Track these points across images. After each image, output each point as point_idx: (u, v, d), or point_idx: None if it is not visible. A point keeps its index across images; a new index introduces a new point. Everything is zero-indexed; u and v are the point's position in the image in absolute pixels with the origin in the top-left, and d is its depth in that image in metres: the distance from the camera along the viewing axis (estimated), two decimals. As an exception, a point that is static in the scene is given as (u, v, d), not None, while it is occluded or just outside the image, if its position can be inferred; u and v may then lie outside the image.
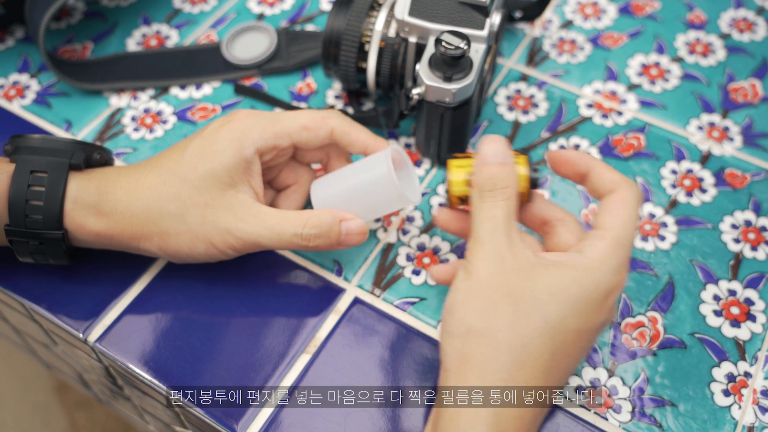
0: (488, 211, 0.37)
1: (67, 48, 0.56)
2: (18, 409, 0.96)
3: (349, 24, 0.49)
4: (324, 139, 0.42)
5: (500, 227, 0.36)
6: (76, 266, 0.44)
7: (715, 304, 0.44)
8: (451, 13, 0.46)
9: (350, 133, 0.42)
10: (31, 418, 0.96)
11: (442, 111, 0.45)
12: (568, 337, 0.35)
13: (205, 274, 0.44)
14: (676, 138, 0.52)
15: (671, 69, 0.56)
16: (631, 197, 0.37)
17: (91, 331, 0.42)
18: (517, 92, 0.54)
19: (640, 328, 0.43)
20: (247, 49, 0.55)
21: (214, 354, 0.41)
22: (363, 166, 0.42)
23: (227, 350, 0.42)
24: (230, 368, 0.41)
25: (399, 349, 0.42)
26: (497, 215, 0.36)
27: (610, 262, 0.36)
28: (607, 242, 0.36)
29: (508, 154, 0.38)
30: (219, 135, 0.41)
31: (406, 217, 0.47)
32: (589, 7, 0.60)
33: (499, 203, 0.37)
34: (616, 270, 0.36)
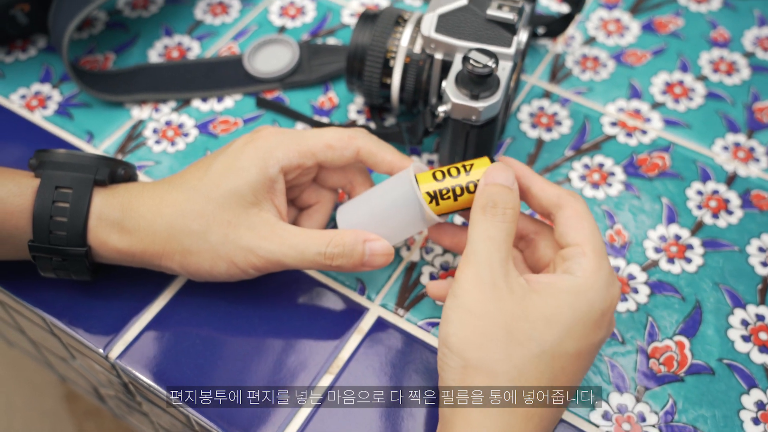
0: (487, 231, 0.36)
1: (88, 58, 0.56)
2: (27, 417, 0.96)
3: (374, 39, 0.48)
4: (350, 158, 0.42)
5: (496, 250, 0.35)
6: (97, 282, 0.44)
7: (743, 329, 0.43)
8: (478, 30, 0.45)
9: (377, 154, 0.42)
10: (40, 427, 0.95)
11: (468, 129, 0.45)
12: (566, 360, 0.35)
13: (227, 292, 0.44)
14: (701, 158, 0.51)
15: (695, 87, 0.55)
16: (582, 209, 0.37)
17: (112, 347, 0.42)
18: (540, 109, 0.54)
19: (668, 353, 0.42)
20: (269, 62, 0.55)
21: (235, 373, 0.41)
22: (387, 186, 0.41)
23: (249, 370, 0.41)
24: (252, 389, 0.40)
25: (423, 370, 0.41)
26: (495, 236, 0.35)
27: (599, 279, 0.35)
28: (590, 258, 0.36)
29: (516, 183, 0.38)
30: (243, 153, 0.40)
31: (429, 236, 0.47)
32: (612, 23, 0.60)
33: (500, 224, 0.36)
34: (608, 285, 0.36)
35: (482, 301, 0.34)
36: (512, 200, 0.36)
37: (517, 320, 0.34)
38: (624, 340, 0.43)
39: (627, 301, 0.44)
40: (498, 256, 0.35)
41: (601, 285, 0.35)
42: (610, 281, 0.36)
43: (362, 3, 0.61)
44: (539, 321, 0.34)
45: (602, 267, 0.36)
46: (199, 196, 0.40)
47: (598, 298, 0.35)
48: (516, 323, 0.34)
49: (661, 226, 0.48)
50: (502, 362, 0.34)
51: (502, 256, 0.35)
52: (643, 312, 0.44)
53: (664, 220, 0.48)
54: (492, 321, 0.34)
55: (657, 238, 0.47)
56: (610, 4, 0.61)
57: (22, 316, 0.50)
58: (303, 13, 0.60)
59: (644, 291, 0.45)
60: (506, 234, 0.36)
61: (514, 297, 0.34)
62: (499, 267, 0.35)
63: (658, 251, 0.46)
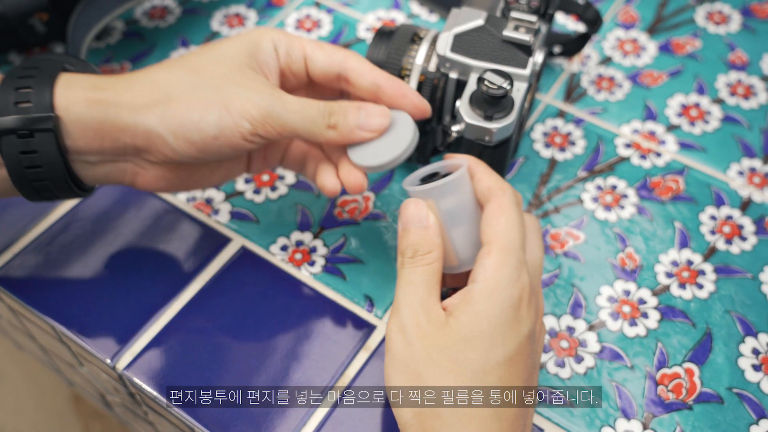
0: (407, 277, 0.35)
1: (105, 68, 0.57)
2: (35, 417, 0.97)
3: (389, 56, 0.48)
4: (335, 64, 0.40)
5: (414, 293, 0.35)
6: (107, 292, 0.44)
7: (754, 358, 0.43)
8: (494, 51, 0.45)
9: (364, 73, 0.40)
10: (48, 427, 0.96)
11: (481, 149, 0.45)
12: (500, 369, 0.34)
13: (235, 305, 0.44)
14: (715, 182, 0.51)
15: (711, 110, 0.55)
16: (506, 203, 0.36)
17: (119, 358, 0.42)
18: (554, 129, 0.54)
19: (676, 380, 0.42)
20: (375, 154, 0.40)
21: (242, 388, 0.41)
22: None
23: (255, 384, 0.41)
24: (258, 404, 0.40)
25: (429, 390, 0.41)
26: (415, 280, 0.35)
27: (503, 276, 0.34)
28: (494, 256, 0.34)
29: (429, 216, 0.36)
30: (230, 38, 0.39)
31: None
32: (629, 43, 0.59)
33: (418, 269, 0.35)
34: (513, 279, 0.34)
35: (407, 347, 0.34)
36: (428, 242, 0.36)
37: (441, 351, 0.33)
38: (633, 366, 0.42)
39: (636, 326, 0.44)
40: (417, 298, 0.35)
41: (505, 282, 0.34)
42: (516, 273, 0.34)
43: (378, 18, 0.61)
44: (460, 343, 0.33)
45: (506, 263, 0.34)
46: (189, 56, 0.38)
47: (506, 296, 0.34)
48: (441, 354, 0.33)
49: (673, 251, 0.47)
50: (443, 391, 0.33)
51: (421, 296, 0.35)
52: (652, 337, 0.44)
53: (677, 245, 0.48)
54: (421, 362, 0.34)
55: (669, 262, 0.47)
56: (628, 24, 0.61)
57: (32, 323, 0.50)
58: (319, 27, 0.60)
59: (654, 316, 0.44)
60: (427, 275, 0.35)
61: (436, 330, 0.34)
62: (419, 308, 0.34)
63: (669, 276, 0.46)
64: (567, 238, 0.48)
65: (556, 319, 0.44)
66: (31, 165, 0.36)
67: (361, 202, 0.49)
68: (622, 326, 0.44)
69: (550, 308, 0.45)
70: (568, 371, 0.42)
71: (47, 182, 0.37)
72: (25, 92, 0.35)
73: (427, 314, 0.34)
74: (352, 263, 0.46)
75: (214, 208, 0.49)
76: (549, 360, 0.43)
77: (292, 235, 0.48)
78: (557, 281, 0.46)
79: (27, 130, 0.35)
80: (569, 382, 0.42)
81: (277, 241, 0.47)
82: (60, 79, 0.36)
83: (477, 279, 0.34)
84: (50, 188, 0.37)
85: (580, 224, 0.49)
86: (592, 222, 0.49)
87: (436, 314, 0.34)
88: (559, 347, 0.43)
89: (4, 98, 0.35)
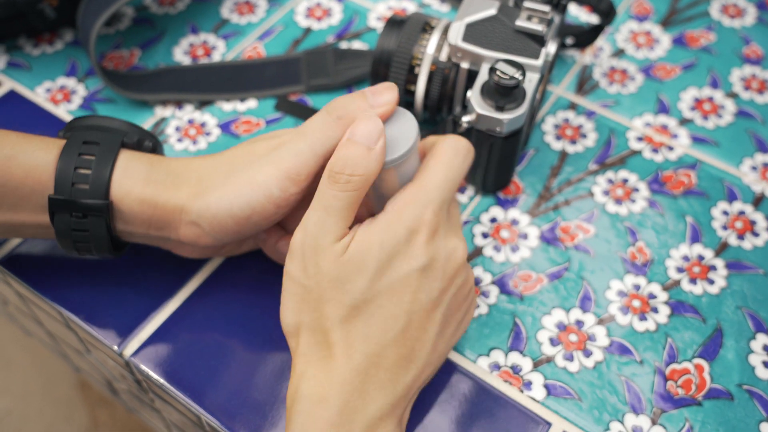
0: (324, 200, 0.34)
1: (114, 54, 0.56)
2: (42, 404, 0.97)
3: (401, 45, 0.48)
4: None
5: (326, 222, 0.34)
6: (115, 279, 0.44)
7: (764, 355, 0.42)
8: (506, 41, 0.45)
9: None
10: (54, 413, 0.96)
11: (492, 140, 0.45)
12: (383, 297, 0.34)
13: (242, 295, 0.44)
14: (728, 177, 0.50)
15: (725, 105, 0.54)
16: (439, 148, 0.37)
17: (126, 345, 0.42)
18: (565, 121, 0.53)
19: (686, 376, 0.42)
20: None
21: (248, 377, 0.41)
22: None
23: (262, 374, 0.41)
24: (263, 393, 0.40)
25: (438, 386, 0.41)
26: (334, 206, 0.34)
27: (407, 209, 0.35)
28: (406, 191, 0.35)
29: (379, 141, 0.35)
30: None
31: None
32: (642, 36, 0.59)
33: (340, 193, 0.34)
34: (416, 215, 0.35)
35: (303, 268, 0.35)
36: (363, 166, 0.34)
37: (333, 282, 0.34)
38: (642, 360, 0.42)
39: (646, 321, 0.44)
40: (329, 222, 0.34)
41: (406, 215, 0.34)
42: (419, 209, 0.35)
43: (389, 7, 0.60)
44: (351, 271, 0.34)
45: (415, 199, 0.35)
46: (231, 150, 0.39)
47: (402, 227, 0.34)
48: (333, 284, 0.34)
49: (684, 246, 0.47)
50: (327, 320, 0.34)
51: (330, 227, 0.34)
52: (662, 332, 0.43)
53: (688, 240, 0.47)
54: (314, 296, 0.35)
55: (680, 257, 0.46)
56: (641, 16, 0.60)
57: (40, 309, 0.50)
58: (329, 15, 0.60)
59: (664, 311, 0.44)
60: (346, 201, 0.34)
61: (332, 261, 0.34)
62: (325, 242, 0.34)
63: (680, 271, 0.46)
64: (577, 231, 0.47)
65: (565, 313, 0.44)
66: (80, 237, 0.39)
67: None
68: (631, 321, 0.44)
69: (560, 301, 0.44)
70: (576, 365, 0.42)
71: (90, 245, 0.39)
72: (83, 174, 0.37)
73: (331, 248, 0.34)
74: (360, 253, 0.46)
75: (223, 197, 0.48)
76: (558, 353, 0.42)
77: (301, 224, 0.47)
78: (567, 274, 0.45)
79: (81, 212, 0.38)
80: (578, 376, 0.41)
81: (285, 231, 0.47)
82: (119, 161, 0.38)
83: (385, 209, 0.36)
84: (91, 250, 0.40)
85: (591, 217, 0.48)
86: (602, 215, 0.48)
87: (341, 246, 0.34)
88: (568, 341, 0.43)
89: (62, 178, 0.37)
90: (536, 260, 0.46)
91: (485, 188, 0.49)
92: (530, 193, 0.49)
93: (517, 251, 0.46)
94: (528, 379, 0.41)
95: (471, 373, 0.41)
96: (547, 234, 0.47)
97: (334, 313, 0.34)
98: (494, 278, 0.45)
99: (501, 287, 0.45)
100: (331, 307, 0.34)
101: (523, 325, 0.43)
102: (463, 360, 0.42)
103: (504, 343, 0.43)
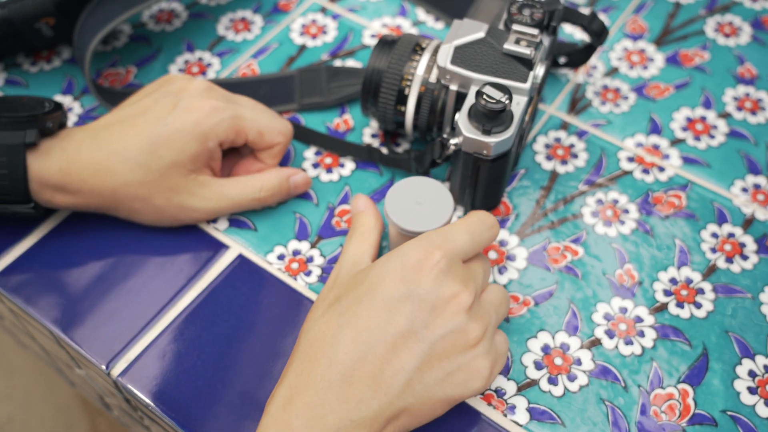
0: (350, 246, 0.43)
1: (110, 71, 0.57)
2: (43, 412, 0.98)
3: (391, 66, 0.48)
4: (276, 152, 0.48)
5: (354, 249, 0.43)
6: (103, 298, 0.45)
7: (750, 381, 0.42)
8: (494, 64, 0.45)
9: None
10: (55, 421, 0.97)
11: (479, 162, 0.45)
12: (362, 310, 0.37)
13: (230, 314, 0.44)
14: (718, 199, 0.50)
15: (718, 125, 0.54)
16: (471, 214, 0.40)
17: (114, 364, 0.43)
18: (557, 141, 0.53)
19: (670, 401, 0.42)
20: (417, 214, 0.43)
21: (233, 397, 0.41)
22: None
23: (247, 395, 0.41)
24: (247, 413, 0.41)
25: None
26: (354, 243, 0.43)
27: (414, 243, 0.38)
28: (429, 233, 0.39)
29: (371, 206, 0.46)
30: (184, 126, 0.44)
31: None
32: (636, 54, 0.59)
33: (358, 238, 0.43)
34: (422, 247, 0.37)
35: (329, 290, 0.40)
36: (365, 221, 0.44)
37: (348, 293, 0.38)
38: (626, 385, 0.42)
39: (632, 345, 0.44)
40: (354, 260, 0.42)
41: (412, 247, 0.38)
42: (424, 245, 0.38)
43: (384, 24, 0.61)
44: (362, 288, 0.37)
45: (432, 238, 0.38)
46: (141, 169, 0.43)
47: (408, 255, 0.37)
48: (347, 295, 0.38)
49: (672, 268, 0.47)
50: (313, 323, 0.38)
51: (358, 259, 0.42)
52: (647, 356, 0.43)
53: (676, 262, 0.47)
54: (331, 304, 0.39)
55: (668, 280, 0.46)
56: (636, 35, 0.60)
57: (32, 326, 0.51)
58: (324, 32, 0.60)
59: (650, 335, 0.44)
60: (367, 245, 0.43)
61: (352, 278, 0.39)
62: (351, 261, 0.42)
63: (667, 294, 0.46)
64: (565, 252, 0.48)
65: (551, 336, 0.44)
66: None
67: (360, 212, 0.49)
68: (617, 344, 0.44)
69: (546, 324, 0.44)
70: (561, 389, 0.42)
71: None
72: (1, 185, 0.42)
73: (355, 265, 0.41)
74: (348, 274, 0.46)
75: (213, 216, 0.49)
76: (542, 377, 0.42)
77: (290, 244, 0.48)
78: (554, 297, 0.46)
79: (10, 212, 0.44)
80: (562, 401, 0.42)
81: (275, 250, 0.47)
82: (31, 177, 0.42)
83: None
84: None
85: (580, 239, 0.48)
86: (591, 237, 0.48)
87: (362, 266, 0.41)
88: (553, 364, 0.43)
89: None
90: (523, 282, 0.46)
91: (474, 209, 0.49)
92: (520, 214, 0.49)
93: (504, 272, 0.47)
94: (512, 403, 0.41)
95: (455, 395, 0.42)
96: (535, 255, 0.47)
97: (318, 314, 0.38)
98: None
99: (487, 309, 0.45)
100: (320, 309, 0.38)
101: (508, 348, 0.43)
102: (448, 383, 0.42)
103: (489, 365, 0.43)
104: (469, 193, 0.48)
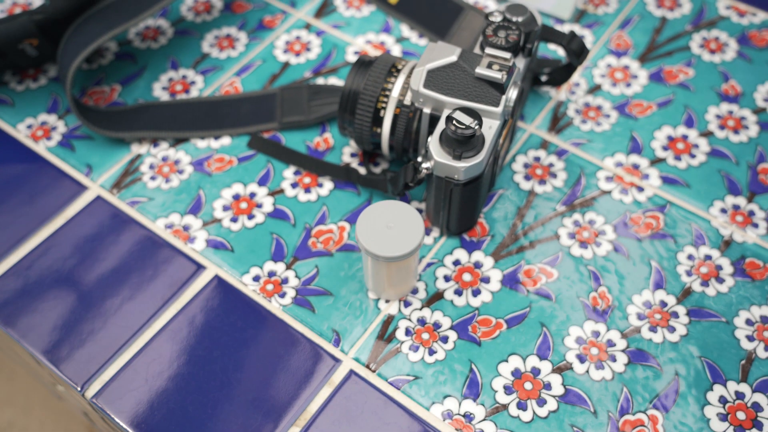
0: None
1: (95, 89, 0.58)
2: (43, 417, 0.99)
3: (366, 87, 0.48)
4: None
5: None
6: (80, 320, 0.45)
7: (720, 407, 0.42)
8: (467, 88, 0.45)
9: None
10: (54, 426, 0.98)
11: (452, 186, 0.45)
12: None
13: (205, 335, 0.45)
14: (697, 220, 0.50)
15: (699, 144, 0.54)
16: None
17: (89, 386, 0.43)
18: (536, 160, 0.53)
19: (639, 428, 0.41)
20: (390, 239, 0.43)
21: (204, 420, 0.42)
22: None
23: (218, 417, 0.42)
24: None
25: (388, 429, 0.41)
26: None
27: None
28: None
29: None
30: None
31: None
32: (620, 71, 0.59)
33: None
34: None
35: None
36: None
37: None
38: (595, 411, 0.42)
39: (603, 369, 0.44)
40: None
41: None
42: None
43: (368, 41, 0.61)
44: None
45: None
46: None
47: None
48: None
49: (647, 291, 0.47)
50: None
51: None
52: (618, 382, 0.43)
53: (651, 285, 0.47)
54: None
55: (641, 303, 0.46)
56: (620, 51, 0.60)
57: (15, 345, 0.52)
58: (308, 50, 0.60)
59: (622, 359, 0.44)
60: None
61: None
62: None
63: (641, 318, 0.46)
64: (540, 275, 0.48)
65: (521, 360, 0.44)
66: None
67: (336, 233, 0.50)
68: (588, 369, 0.44)
69: (518, 348, 0.44)
70: (530, 414, 0.42)
71: None
72: None
73: None
74: (322, 295, 0.47)
75: (191, 236, 0.49)
76: (512, 402, 0.42)
77: (265, 265, 0.48)
78: (526, 320, 0.46)
79: None
80: (530, 426, 0.42)
81: (250, 271, 0.48)
82: None
83: None
84: None
85: (555, 261, 0.48)
86: (566, 259, 0.48)
87: None
88: (523, 389, 0.43)
89: None
90: (497, 305, 0.46)
91: (449, 231, 0.49)
92: (495, 235, 0.49)
93: (478, 295, 0.47)
94: (480, 428, 0.42)
95: (424, 420, 0.42)
96: (509, 277, 0.47)
97: None
98: (453, 323, 0.46)
99: (459, 332, 0.45)
100: None
101: (479, 372, 0.44)
102: (417, 407, 0.42)
103: (459, 390, 0.43)
104: (443, 215, 0.48)
